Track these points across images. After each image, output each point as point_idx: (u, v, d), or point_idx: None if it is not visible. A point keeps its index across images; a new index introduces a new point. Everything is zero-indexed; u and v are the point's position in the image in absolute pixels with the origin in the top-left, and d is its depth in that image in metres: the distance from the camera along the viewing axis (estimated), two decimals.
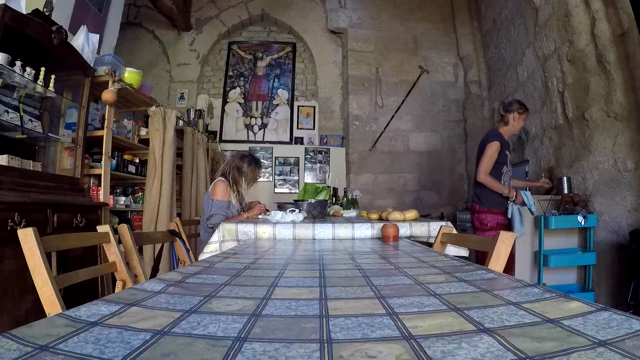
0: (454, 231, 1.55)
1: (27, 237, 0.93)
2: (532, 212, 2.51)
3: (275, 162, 4.92)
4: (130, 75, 2.89)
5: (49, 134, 2.32)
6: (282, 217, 1.71)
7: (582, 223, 2.61)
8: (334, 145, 5.01)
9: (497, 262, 1.09)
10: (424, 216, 3.06)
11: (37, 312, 1.54)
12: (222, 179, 2.34)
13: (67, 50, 2.30)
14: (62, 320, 0.45)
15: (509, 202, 2.41)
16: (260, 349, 0.37)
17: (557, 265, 2.67)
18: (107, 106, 2.62)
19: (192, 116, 4.30)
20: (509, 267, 2.37)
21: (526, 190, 2.69)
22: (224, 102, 5.13)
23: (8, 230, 1.70)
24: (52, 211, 2.02)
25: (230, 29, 5.18)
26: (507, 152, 2.50)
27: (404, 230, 1.62)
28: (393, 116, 4.78)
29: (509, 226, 2.41)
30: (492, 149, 2.38)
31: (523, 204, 2.44)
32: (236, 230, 1.59)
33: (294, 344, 0.39)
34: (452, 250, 1.51)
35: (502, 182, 2.43)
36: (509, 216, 2.40)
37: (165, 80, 5.04)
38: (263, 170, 4.79)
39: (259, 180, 2.64)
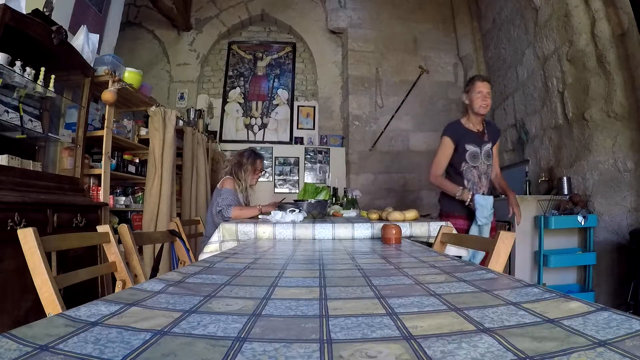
0: (454, 231, 1.55)
1: (27, 237, 0.93)
2: (477, 222, 1.97)
3: (275, 162, 4.92)
4: (130, 75, 2.88)
5: (49, 134, 2.32)
6: (282, 217, 1.71)
7: (582, 223, 2.61)
8: (334, 145, 5.01)
9: (497, 262, 1.09)
10: (424, 216, 3.06)
11: (37, 312, 1.54)
12: (229, 176, 2.45)
13: (67, 50, 2.30)
14: (62, 320, 0.45)
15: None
16: (260, 349, 0.37)
17: (557, 265, 2.67)
18: (107, 106, 2.62)
19: (192, 116, 4.30)
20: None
21: (500, 195, 2.26)
22: (224, 102, 5.13)
23: (8, 230, 1.70)
24: (52, 211, 2.02)
25: (230, 29, 5.18)
26: (471, 146, 2.07)
27: (404, 230, 1.62)
28: (393, 116, 4.78)
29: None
30: (441, 146, 2.09)
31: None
32: (236, 230, 1.59)
33: (294, 344, 0.38)
34: (452, 250, 1.51)
35: (465, 180, 2.07)
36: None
37: (165, 80, 5.04)
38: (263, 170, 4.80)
39: (260, 176, 2.69)
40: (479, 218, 1.96)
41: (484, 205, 1.95)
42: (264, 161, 2.70)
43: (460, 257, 1.49)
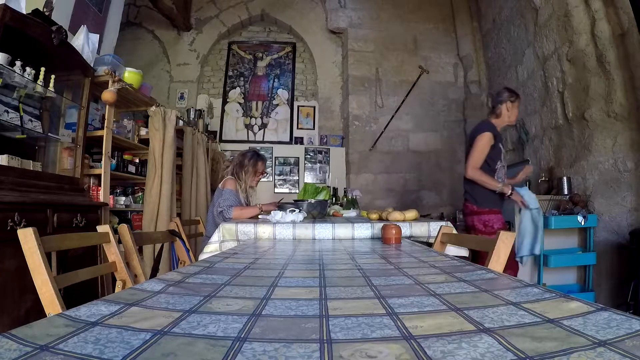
0: (454, 231, 1.55)
1: (27, 237, 0.93)
2: (530, 209, 2.26)
3: (275, 162, 4.92)
4: (130, 75, 2.89)
5: (49, 134, 2.32)
6: (282, 217, 1.71)
7: (582, 223, 2.61)
8: (334, 145, 5.01)
9: (497, 262, 1.09)
10: (424, 216, 3.06)
11: (37, 312, 1.54)
12: (231, 177, 2.45)
13: (67, 50, 2.30)
14: (62, 320, 0.45)
15: (519, 208, 2.23)
16: (260, 349, 0.37)
17: (557, 265, 2.67)
18: (107, 106, 2.62)
19: (192, 116, 4.30)
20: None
21: (525, 185, 2.49)
22: (224, 102, 5.13)
23: (8, 230, 1.70)
24: (52, 211, 2.02)
25: (230, 29, 5.18)
26: (502, 146, 2.25)
27: (404, 230, 1.62)
28: (393, 116, 4.78)
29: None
30: (483, 141, 2.13)
31: (523, 204, 2.24)
32: (236, 230, 1.59)
33: (294, 344, 0.38)
34: (452, 250, 1.51)
35: (496, 177, 2.21)
36: (519, 224, 2.26)
37: (165, 80, 5.04)
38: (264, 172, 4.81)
39: (261, 178, 2.69)
40: (529, 202, 2.14)
41: (526, 194, 2.16)
42: (266, 162, 2.69)
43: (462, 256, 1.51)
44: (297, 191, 4.73)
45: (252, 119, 5.13)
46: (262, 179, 2.77)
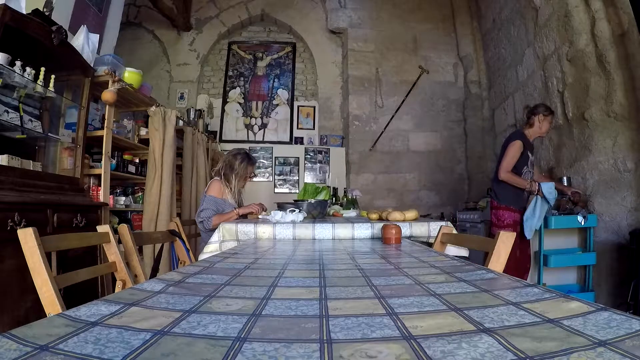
0: (454, 231, 1.55)
1: (27, 237, 0.93)
2: (549, 203, 2.50)
3: (275, 162, 4.92)
4: (130, 75, 2.88)
5: (49, 134, 2.32)
6: (282, 217, 1.71)
7: (582, 223, 2.61)
8: (334, 145, 5.01)
9: (497, 262, 1.09)
10: (424, 216, 3.06)
11: (37, 312, 1.54)
12: (217, 178, 2.39)
13: (67, 50, 2.30)
14: (62, 320, 0.45)
15: (531, 195, 2.51)
16: (260, 349, 0.37)
17: (557, 265, 2.67)
18: (107, 106, 2.62)
19: (192, 116, 4.30)
20: (522, 268, 2.47)
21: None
22: (224, 102, 5.13)
23: (8, 230, 1.70)
24: (52, 211, 2.02)
25: (230, 29, 5.18)
26: (530, 154, 2.54)
27: (404, 230, 1.62)
28: (393, 116, 4.78)
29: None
30: (514, 148, 2.45)
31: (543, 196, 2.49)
32: (236, 230, 1.59)
33: (294, 344, 0.38)
34: (452, 250, 1.51)
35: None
36: (527, 206, 2.50)
37: (165, 80, 5.04)
38: (263, 170, 4.80)
39: (255, 179, 2.63)
40: (551, 200, 2.46)
41: (552, 192, 2.46)
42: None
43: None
44: (297, 191, 4.73)
45: (252, 119, 5.13)
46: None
